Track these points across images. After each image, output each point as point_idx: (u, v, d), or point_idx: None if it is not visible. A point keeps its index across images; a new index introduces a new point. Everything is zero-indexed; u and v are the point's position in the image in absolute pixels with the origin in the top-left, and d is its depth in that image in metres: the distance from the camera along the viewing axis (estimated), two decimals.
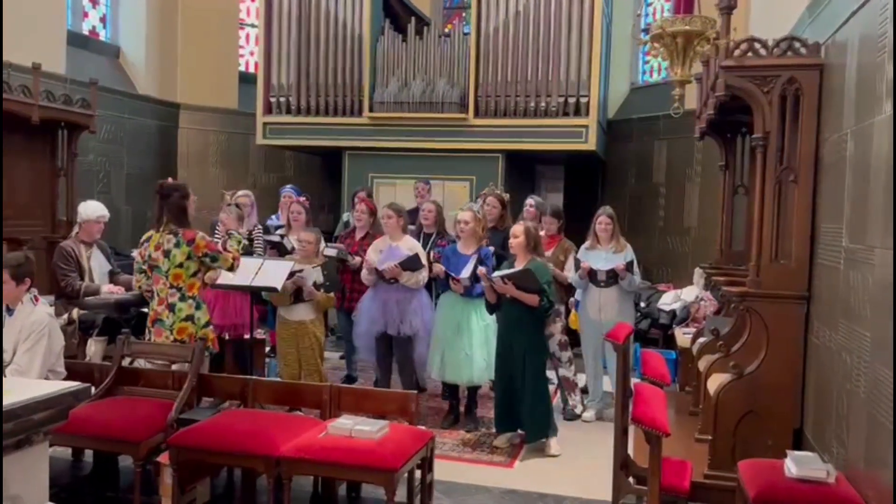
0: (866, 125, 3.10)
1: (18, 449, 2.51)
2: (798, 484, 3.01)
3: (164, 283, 4.45)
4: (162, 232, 4.47)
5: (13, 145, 6.18)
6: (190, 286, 4.48)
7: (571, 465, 4.71)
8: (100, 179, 8.54)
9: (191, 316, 4.47)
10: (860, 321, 3.08)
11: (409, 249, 5.38)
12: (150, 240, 4.52)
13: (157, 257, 4.44)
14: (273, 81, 8.87)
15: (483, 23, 8.29)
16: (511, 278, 4.74)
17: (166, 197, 4.49)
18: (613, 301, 5.52)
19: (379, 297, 5.46)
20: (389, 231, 5.52)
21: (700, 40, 3.77)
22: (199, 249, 4.44)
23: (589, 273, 5.46)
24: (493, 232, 5.94)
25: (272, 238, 6.26)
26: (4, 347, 3.70)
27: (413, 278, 5.33)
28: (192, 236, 4.45)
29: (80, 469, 4.51)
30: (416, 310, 5.42)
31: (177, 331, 4.44)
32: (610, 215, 5.65)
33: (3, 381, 2.67)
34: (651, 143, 9.19)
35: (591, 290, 5.58)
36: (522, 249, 4.90)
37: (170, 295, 4.45)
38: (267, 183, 10.11)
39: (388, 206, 5.60)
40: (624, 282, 5.46)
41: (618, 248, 5.56)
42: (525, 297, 4.75)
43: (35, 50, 6.75)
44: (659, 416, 3.13)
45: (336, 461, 3.47)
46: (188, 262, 4.44)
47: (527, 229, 4.98)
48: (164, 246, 4.43)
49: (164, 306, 4.45)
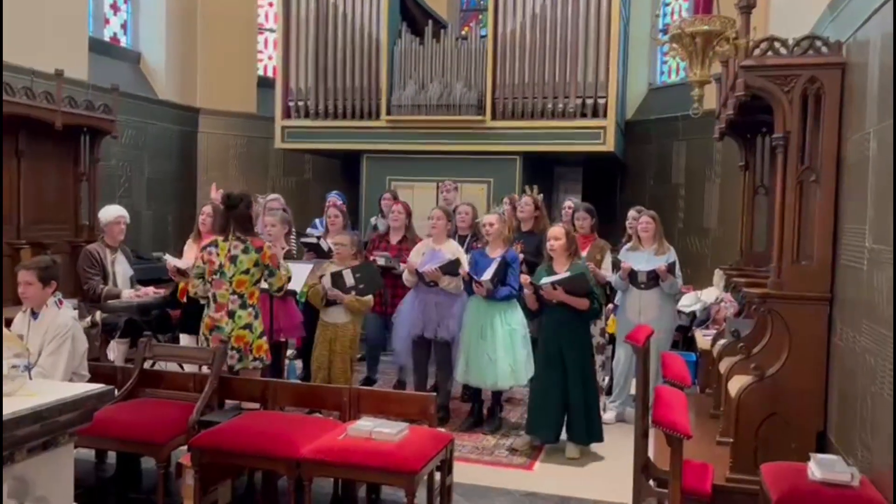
0: (889, 124, 3.07)
1: (45, 450, 2.55)
2: (822, 487, 2.97)
3: (227, 288, 4.47)
4: (230, 240, 4.50)
5: (37, 151, 6.26)
6: (251, 294, 4.50)
7: (592, 468, 4.69)
8: (121, 184, 8.63)
9: (249, 325, 4.48)
10: (884, 322, 3.04)
11: (451, 254, 5.37)
12: (218, 246, 4.53)
13: (223, 263, 4.47)
14: (291, 86, 8.92)
15: (500, 25, 8.28)
16: (562, 284, 4.69)
17: (233, 207, 4.53)
18: (654, 304, 5.45)
19: (419, 300, 5.46)
20: (436, 234, 5.50)
21: (719, 40, 3.74)
22: (265, 258, 4.48)
23: (629, 274, 5.41)
24: (528, 236, 5.88)
25: (309, 240, 6.28)
26: (30, 350, 3.75)
27: (453, 283, 5.31)
28: (260, 244, 4.50)
29: (104, 471, 4.56)
30: (455, 314, 5.39)
31: (235, 339, 4.45)
32: (652, 216, 5.57)
33: (29, 384, 2.71)
34: (670, 144, 9.13)
35: (631, 292, 5.51)
36: (563, 252, 4.84)
37: (231, 301, 4.46)
38: (286, 186, 10.16)
39: (439, 208, 5.61)
40: (665, 284, 5.40)
41: (660, 249, 5.49)
42: (576, 301, 4.71)
43: (58, 56, 6.83)
44: (680, 419, 3.11)
45: (356, 463, 3.48)
46: (254, 269, 4.47)
47: (567, 231, 4.93)
48: (231, 252, 4.46)
49: (223, 313, 4.46)
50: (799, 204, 3.86)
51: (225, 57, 9.89)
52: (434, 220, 5.49)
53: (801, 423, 3.80)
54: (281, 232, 5.73)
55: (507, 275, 5.13)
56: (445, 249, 5.42)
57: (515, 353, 5.16)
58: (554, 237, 4.88)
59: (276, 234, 5.65)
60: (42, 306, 3.94)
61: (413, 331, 5.45)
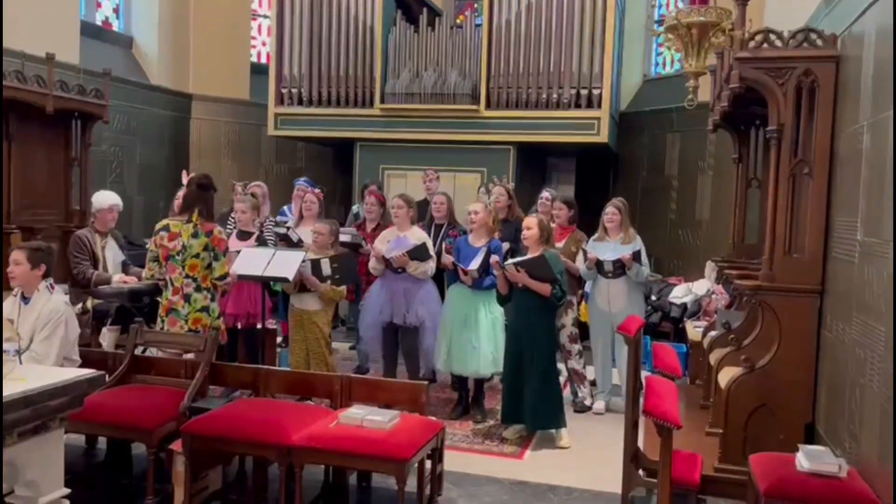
0: (883, 118, 3.08)
1: (35, 435, 2.55)
2: (809, 478, 3.00)
3: (180, 272, 4.48)
4: (181, 221, 4.49)
5: (28, 135, 6.22)
6: (204, 277, 4.52)
7: (581, 457, 4.71)
8: (113, 169, 8.59)
9: (206, 307, 4.53)
10: (875, 315, 3.07)
11: (416, 239, 5.41)
12: (167, 228, 4.54)
13: (173, 246, 4.47)
14: (285, 72, 8.88)
15: (495, 14, 8.26)
16: (524, 265, 4.73)
17: (207, 189, 4.53)
18: (622, 292, 5.49)
19: (386, 287, 5.49)
20: (399, 221, 5.54)
21: (715, 31, 3.75)
22: (214, 242, 4.48)
23: (596, 263, 5.45)
24: (504, 224, 5.94)
25: (279, 230, 6.28)
26: (21, 335, 3.73)
27: (420, 268, 5.35)
28: (210, 228, 4.48)
29: (94, 456, 4.55)
30: (422, 300, 5.44)
31: (192, 321, 4.49)
32: (617, 206, 5.60)
33: (19, 368, 2.70)
34: (664, 136, 9.15)
35: (600, 282, 5.56)
36: (535, 241, 4.89)
37: (185, 285, 4.48)
38: (278, 173, 10.13)
39: (399, 197, 5.63)
40: (631, 272, 5.44)
41: (626, 238, 5.54)
42: (537, 285, 4.74)
43: (49, 40, 6.78)
44: (671, 409, 3.13)
45: (347, 450, 3.49)
46: (204, 253, 4.48)
47: (540, 221, 4.96)
48: (181, 235, 4.45)
49: (179, 296, 4.49)
50: (791, 197, 3.88)
51: (218, 43, 9.83)
52: (395, 208, 5.54)
53: (790, 414, 3.83)
54: (250, 218, 5.75)
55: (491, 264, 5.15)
56: (411, 235, 5.45)
57: (497, 341, 5.21)
58: (526, 226, 4.95)
59: (246, 220, 5.69)
60: (32, 290, 3.91)
61: (381, 318, 5.48)
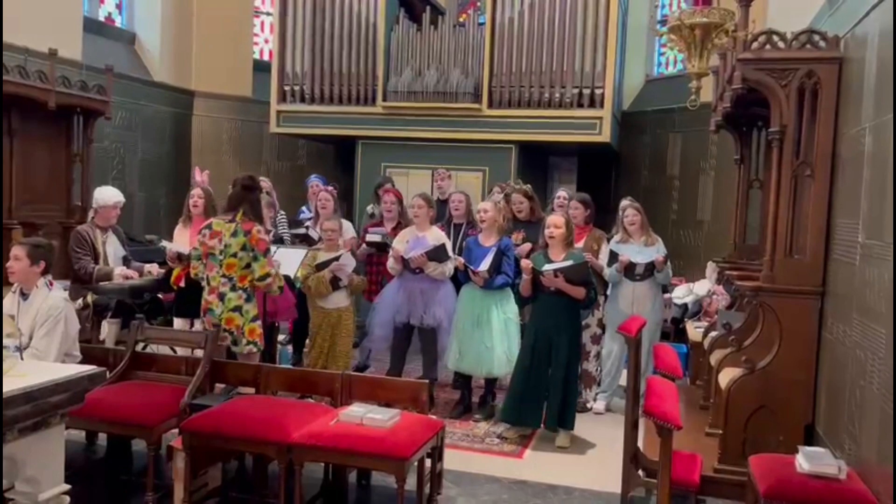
0: (885, 120, 3.07)
1: (35, 431, 2.55)
2: (809, 479, 3.00)
3: (217, 271, 4.44)
4: (224, 221, 4.46)
5: (30, 131, 6.22)
6: (241, 277, 4.44)
7: (581, 457, 4.72)
8: (114, 165, 8.59)
9: (239, 307, 4.43)
10: (875, 317, 3.06)
11: (435, 240, 5.37)
12: (210, 227, 4.50)
13: (213, 245, 4.44)
14: (287, 70, 8.87)
15: (498, 13, 8.25)
16: (564, 272, 4.67)
17: (252, 189, 4.52)
18: (647, 295, 5.45)
19: (404, 287, 5.45)
20: (419, 221, 5.51)
21: (718, 32, 3.74)
22: (253, 241, 4.39)
23: (626, 266, 5.41)
24: (527, 226, 5.89)
25: (298, 231, 6.26)
26: (21, 331, 3.74)
27: (439, 269, 5.31)
28: (249, 227, 4.41)
29: (94, 453, 4.55)
30: (440, 300, 5.40)
31: (225, 321, 4.41)
32: (636, 208, 5.57)
33: (20, 364, 2.70)
34: (665, 136, 9.14)
35: (624, 284, 5.48)
36: (562, 240, 4.84)
37: (221, 284, 4.43)
38: (280, 171, 10.13)
39: (419, 196, 5.58)
40: (660, 274, 5.42)
41: (649, 240, 5.51)
42: (573, 289, 4.72)
43: (52, 36, 6.77)
44: (671, 410, 3.13)
45: (347, 448, 3.49)
46: (242, 252, 4.40)
47: (568, 220, 4.93)
48: (223, 234, 4.42)
49: (214, 295, 4.45)
50: (793, 198, 3.88)
51: (221, 39, 9.82)
52: (415, 208, 5.50)
53: (790, 415, 3.83)
54: (266, 216, 5.71)
55: (502, 263, 5.14)
56: (429, 236, 5.43)
57: (510, 341, 5.20)
58: (555, 225, 4.86)
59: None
60: (31, 286, 3.91)
61: (398, 318, 5.46)
